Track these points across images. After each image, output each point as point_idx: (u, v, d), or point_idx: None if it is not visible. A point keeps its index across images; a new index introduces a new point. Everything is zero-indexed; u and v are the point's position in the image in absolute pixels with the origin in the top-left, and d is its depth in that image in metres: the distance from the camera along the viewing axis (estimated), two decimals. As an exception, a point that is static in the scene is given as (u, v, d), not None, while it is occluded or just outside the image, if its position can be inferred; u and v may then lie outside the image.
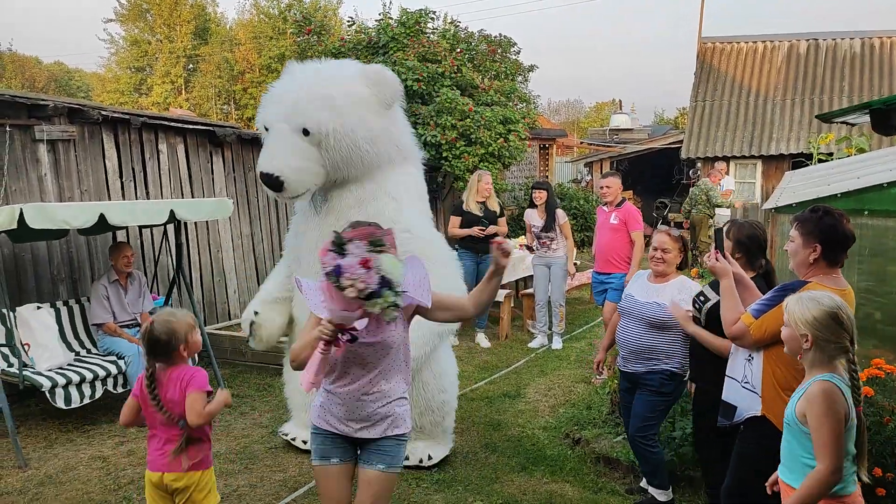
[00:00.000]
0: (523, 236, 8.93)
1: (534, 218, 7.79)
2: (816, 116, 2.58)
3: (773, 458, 2.70)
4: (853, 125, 2.76)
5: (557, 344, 7.85)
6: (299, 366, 2.89)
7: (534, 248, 7.89)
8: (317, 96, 4.39)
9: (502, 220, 8.07)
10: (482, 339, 8.02)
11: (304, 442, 4.91)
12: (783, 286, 3.03)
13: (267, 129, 4.48)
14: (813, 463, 2.47)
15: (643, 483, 4.31)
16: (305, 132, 4.34)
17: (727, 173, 13.53)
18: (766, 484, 2.71)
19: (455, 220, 7.88)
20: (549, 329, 7.96)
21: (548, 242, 7.69)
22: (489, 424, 5.54)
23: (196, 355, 4.06)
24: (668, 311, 3.89)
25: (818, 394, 2.45)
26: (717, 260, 3.29)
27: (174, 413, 3.07)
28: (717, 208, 11.75)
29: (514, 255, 8.11)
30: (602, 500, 4.30)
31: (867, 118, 1.97)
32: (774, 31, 22.90)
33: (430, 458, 4.73)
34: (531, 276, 9.76)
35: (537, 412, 5.83)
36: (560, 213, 7.70)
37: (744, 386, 3.17)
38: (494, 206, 7.95)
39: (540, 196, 7.69)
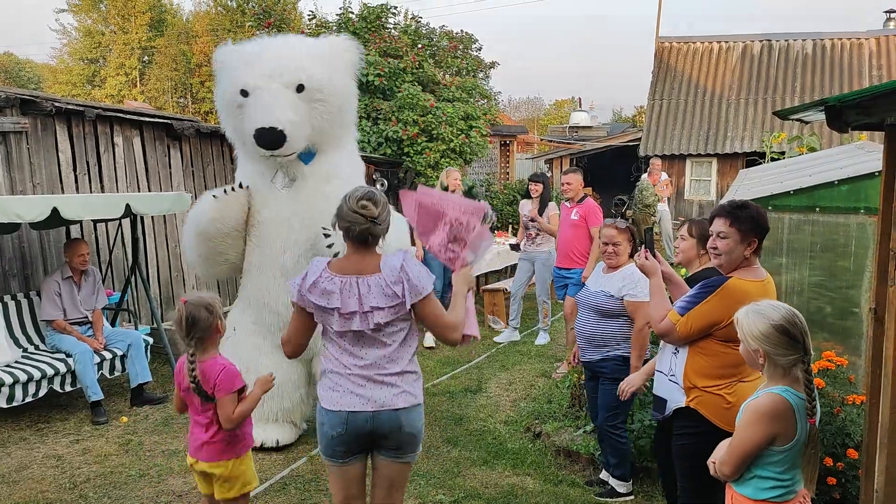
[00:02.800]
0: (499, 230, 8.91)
1: (526, 207, 7.78)
2: (774, 113, 2.66)
3: (709, 447, 2.68)
4: (807, 122, 2.85)
5: (542, 339, 7.87)
6: (294, 350, 2.93)
7: (519, 247, 7.84)
8: (308, 53, 4.41)
9: None
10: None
11: (277, 441, 4.86)
12: (705, 283, 3.07)
13: (246, 92, 4.38)
14: (762, 473, 2.43)
15: (602, 475, 4.37)
16: (300, 88, 4.31)
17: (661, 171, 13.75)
18: (708, 462, 2.64)
19: None
20: (514, 324, 7.95)
21: (533, 235, 7.63)
22: (451, 419, 5.57)
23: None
24: (617, 299, 4.03)
25: (755, 405, 2.42)
26: (646, 259, 3.35)
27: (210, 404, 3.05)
28: (652, 206, 12.02)
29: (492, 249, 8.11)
30: (562, 493, 4.35)
31: (822, 115, 2.02)
32: (729, 31, 23.39)
33: None
34: (493, 271, 9.83)
35: (498, 406, 5.87)
36: (552, 205, 7.69)
37: (670, 379, 3.21)
38: None
39: (536, 189, 7.67)
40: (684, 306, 3.06)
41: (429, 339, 7.72)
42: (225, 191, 4.61)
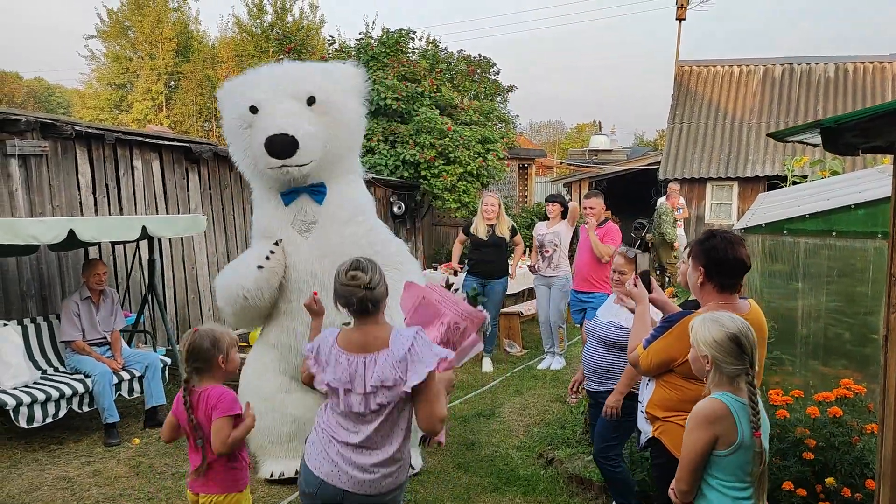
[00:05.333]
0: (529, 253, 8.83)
1: (541, 227, 7.69)
2: (768, 135, 2.58)
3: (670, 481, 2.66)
4: (814, 146, 2.79)
5: (557, 364, 7.80)
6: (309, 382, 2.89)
7: (535, 267, 7.76)
8: (318, 69, 4.44)
9: (517, 238, 7.87)
10: (487, 365, 7.81)
11: (297, 472, 4.76)
12: (667, 317, 3.03)
13: (256, 109, 4.33)
14: (710, 482, 2.49)
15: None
16: (311, 100, 4.30)
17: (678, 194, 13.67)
18: (669, 492, 2.66)
19: (461, 237, 7.83)
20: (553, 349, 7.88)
21: (550, 252, 7.49)
22: (462, 444, 5.50)
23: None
24: (625, 330, 3.91)
25: (693, 412, 2.50)
26: (635, 285, 3.32)
27: (202, 432, 3.03)
28: (675, 228, 11.96)
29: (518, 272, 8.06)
30: (574, 521, 4.27)
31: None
32: (750, 55, 23.27)
33: (411, 467, 4.68)
34: (510, 294, 9.77)
35: (511, 432, 5.80)
36: (568, 225, 7.62)
37: (641, 410, 3.20)
38: (503, 230, 7.58)
39: (553, 209, 7.60)
40: (648, 339, 3.04)
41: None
42: (267, 257, 4.41)
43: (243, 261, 4.62)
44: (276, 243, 4.49)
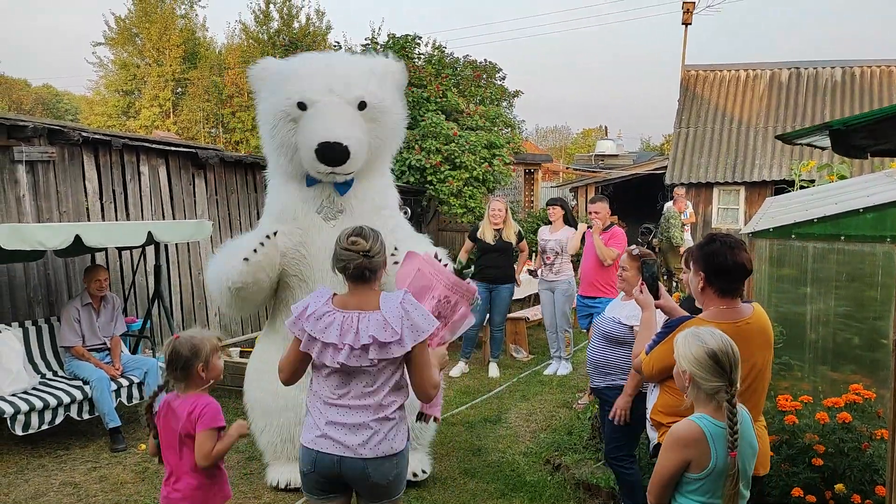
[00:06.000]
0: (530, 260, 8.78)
1: (545, 233, 7.67)
2: (777, 137, 2.57)
3: None
4: (822, 149, 2.76)
5: (564, 370, 7.76)
6: (288, 378, 2.91)
7: (537, 273, 7.71)
8: (369, 70, 4.32)
9: (523, 244, 7.81)
10: (494, 370, 7.80)
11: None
12: (667, 322, 3.02)
13: (304, 105, 4.20)
14: (680, 500, 2.47)
15: (622, 509, 4.26)
16: (362, 105, 4.21)
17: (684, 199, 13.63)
18: None
19: (468, 245, 7.81)
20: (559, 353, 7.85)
21: (552, 258, 7.49)
22: (469, 450, 5.48)
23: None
24: (625, 326, 3.97)
25: (670, 432, 2.48)
26: (640, 292, 3.31)
27: (171, 443, 2.98)
28: (682, 233, 11.93)
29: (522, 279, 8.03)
30: (581, 528, 4.24)
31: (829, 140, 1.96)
32: (757, 59, 23.23)
33: (423, 471, 4.64)
34: (516, 299, 9.74)
35: (518, 437, 5.77)
36: (572, 229, 7.60)
37: (648, 417, 3.19)
38: (510, 235, 7.57)
39: (555, 213, 7.59)
40: (650, 345, 3.03)
41: (455, 370, 7.67)
42: (255, 250, 4.23)
43: (235, 248, 4.42)
44: (268, 236, 4.30)
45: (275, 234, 4.33)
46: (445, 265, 3.43)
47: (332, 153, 4.05)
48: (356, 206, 4.46)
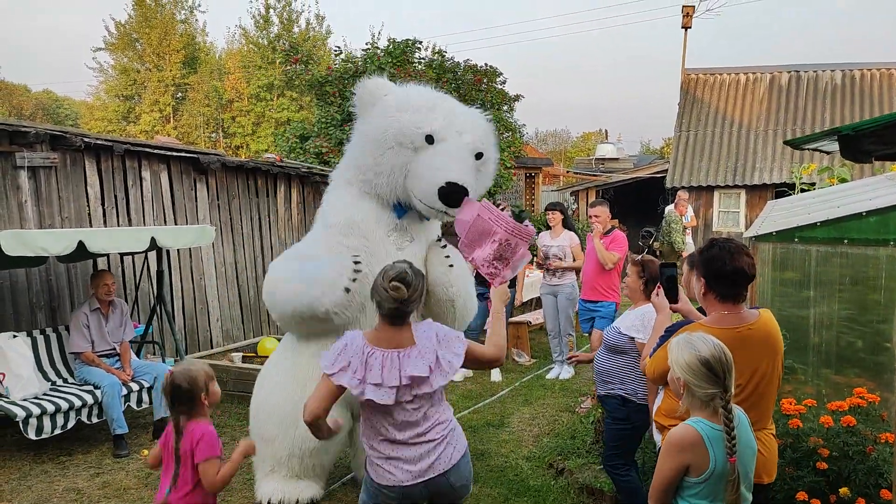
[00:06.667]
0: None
1: (545, 238, 7.67)
2: (785, 142, 2.58)
3: None
4: (827, 153, 2.77)
5: (566, 374, 7.75)
6: (318, 416, 2.93)
7: (542, 277, 7.68)
8: (484, 122, 4.45)
9: None
10: (496, 374, 7.79)
11: (311, 500, 4.49)
12: (669, 327, 3.04)
13: (432, 139, 4.16)
14: None
15: (626, 514, 4.26)
16: (479, 155, 4.26)
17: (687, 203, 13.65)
18: None
19: None
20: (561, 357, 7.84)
21: (553, 264, 7.51)
22: (472, 454, 5.42)
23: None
24: (625, 336, 4.00)
25: (667, 437, 2.49)
26: (657, 295, 3.34)
27: (183, 467, 3.03)
28: (684, 237, 11.93)
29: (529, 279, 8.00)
30: (585, 532, 4.24)
31: (837, 145, 1.96)
32: (757, 62, 23.26)
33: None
34: (519, 304, 9.73)
35: (521, 442, 5.77)
36: (572, 234, 7.62)
37: (652, 420, 3.22)
38: None
39: (554, 217, 7.59)
40: (654, 348, 3.05)
41: (458, 374, 7.65)
42: (354, 279, 4.12)
43: (319, 272, 4.22)
44: (358, 262, 4.19)
45: (359, 261, 4.23)
46: (503, 209, 3.60)
47: (457, 195, 3.98)
48: (422, 236, 4.49)
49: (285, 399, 4.38)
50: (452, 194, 3.97)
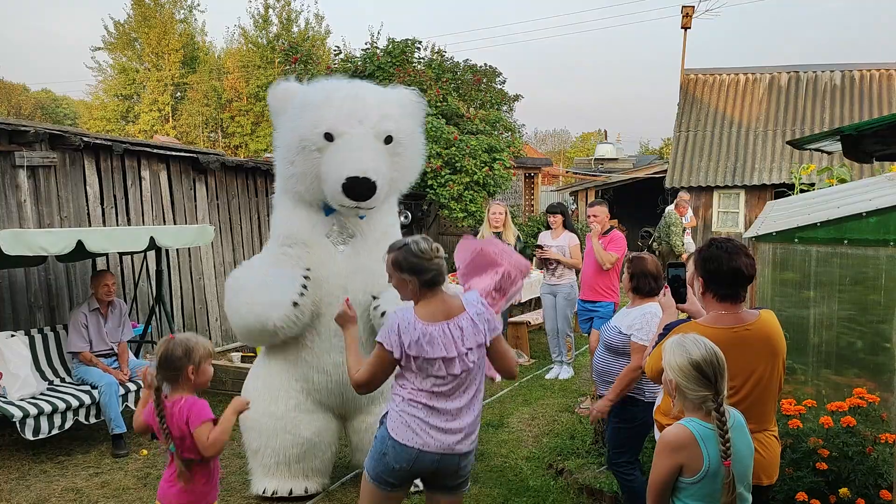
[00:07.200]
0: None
1: (546, 238, 7.66)
2: (788, 142, 2.58)
3: None
4: (829, 153, 2.77)
5: (565, 374, 7.75)
6: (371, 389, 3.08)
7: (542, 277, 7.67)
8: (395, 102, 4.29)
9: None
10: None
11: (305, 490, 4.57)
12: (668, 324, 3.03)
13: (331, 136, 4.12)
14: None
15: (626, 514, 4.26)
16: (388, 139, 4.17)
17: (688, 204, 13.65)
18: None
19: None
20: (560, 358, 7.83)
21: (553, 264, 7.45)
22: (472, 455, 5.46)
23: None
24: (626, 336, 3.99)
25: (660, 438, 2.48)
26: (663, 295, 3.34)
27: (175, 441, 2.99)
28: (684, 237, 11.92)
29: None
30: (585, 532, 4.23)
31: (839, 146, 1.95)
32: (756, 63, 23.25)
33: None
34: (517, 303, 9.73)
35: (520, 442, 5.77)
36: (572, 235, 7.63)
37: (654, 418, 3.20)
38: (510, 237, 7.57)
39: (556, 220, 7.58)
40: (652, 346, 3.05)
41: None
42: (302, 293, 4.18)
43: (267, 286, 4.27)
44: (307, 277, 4.24)
45: (308, 274, 4.28)
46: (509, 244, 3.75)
47: (360, 188, 3.98)
48: (367, 232, 4.43)
49: (262, 412, 4.46)
50: (355, 188, 3.96)
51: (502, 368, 3.21)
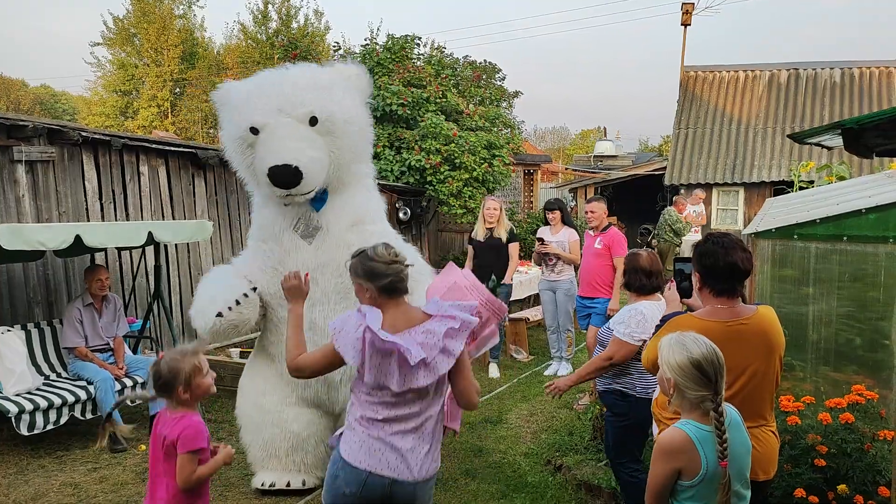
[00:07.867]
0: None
1: (545, 234, 7.64)
2: (789, 136, 2.58)
3: None
4: (829, 148, 2.76)
5: (564, 370, 7.74)
6: (306, 377, 2.92)
7: (541, 273, 7.68)
8: (316, 83, 4.24)
9: (513, 246, 7.67)
10: (494, 370, 7.77)
11: (303, 483, 4.59)
12: (665, 316, 3.06)
13: (257, 130, 4.13)
14: None
15: (625, 511, 4.25)
16: (313, 121, 4.13)
17: (701, 201, 13.64)
18: None
19: (471, 251, 7.73)
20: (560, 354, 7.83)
21: (553, 260, 7.47)
22: (470, 450, 5.47)
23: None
24: (608, 332, 4.01)
25: (657, 441, 2.45)
26: (669, 289, 3.35)
27: (156, 453, 2.97)
28: (684, 235, 11.92)
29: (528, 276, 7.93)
30: (583, 528, 4.23)
31: (840, 140, 1.95)
32: (756, 60, 23.25)
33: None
34: (516, 300, 9.73)
35: (519, 438, 5.77)
36: (572, 230, 7.62)
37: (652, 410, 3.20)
38: (501, 232, 7.55)
39: (554, 217, 7.57)
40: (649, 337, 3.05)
41: None
42: (230, 307, 4.23)
43: (219, 286, 4.38)
44: (246, 294, 4.28)
45: (254, 290, 4.35)
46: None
47: (284, 176, 3.98)
48: (333, 223, 4.39)
49: (250, 406, 4.60)
50: (279, 176, 3.98)
51: (461, 391, 2.84)
